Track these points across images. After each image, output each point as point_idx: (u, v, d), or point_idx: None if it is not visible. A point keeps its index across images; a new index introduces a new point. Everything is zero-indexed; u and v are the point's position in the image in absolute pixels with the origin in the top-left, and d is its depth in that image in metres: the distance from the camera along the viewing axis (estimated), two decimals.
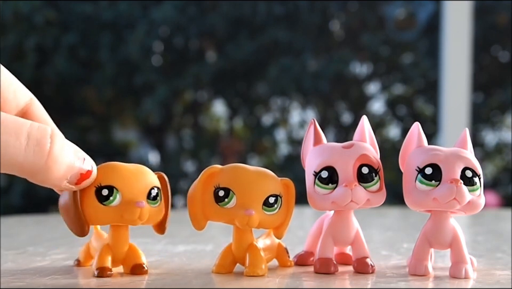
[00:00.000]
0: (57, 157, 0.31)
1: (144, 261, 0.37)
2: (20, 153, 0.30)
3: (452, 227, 0.37)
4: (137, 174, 0.36)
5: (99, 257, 0.36)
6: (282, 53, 2.54)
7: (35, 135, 0.31)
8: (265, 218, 0.36)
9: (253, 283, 0.35)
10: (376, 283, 0.35)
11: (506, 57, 2.67)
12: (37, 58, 2.44)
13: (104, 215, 0.35)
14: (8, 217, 0.81)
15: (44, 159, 0.31)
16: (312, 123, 0.39)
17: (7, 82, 0.34)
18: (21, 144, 0.30)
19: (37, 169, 0.31)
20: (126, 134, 2.77)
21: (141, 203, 0.34)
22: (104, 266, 0.36)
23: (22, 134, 0.30)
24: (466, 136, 0.39)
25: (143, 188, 0.35)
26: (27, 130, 0.30)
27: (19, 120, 0.30)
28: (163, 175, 0.38)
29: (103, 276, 0.35)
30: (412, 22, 2.65)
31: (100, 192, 0.34)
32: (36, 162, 0.30)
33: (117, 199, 0.35)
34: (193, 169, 2.64)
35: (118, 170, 0.35)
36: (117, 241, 0.37)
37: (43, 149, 0.31)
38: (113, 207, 0.34)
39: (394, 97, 2.73)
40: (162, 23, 2.54)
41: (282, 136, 2.72)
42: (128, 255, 0.37)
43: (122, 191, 0.35)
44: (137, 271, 0.37)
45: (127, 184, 0.35)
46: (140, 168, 0.36)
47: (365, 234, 0.39)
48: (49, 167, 0.31)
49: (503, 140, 2.68)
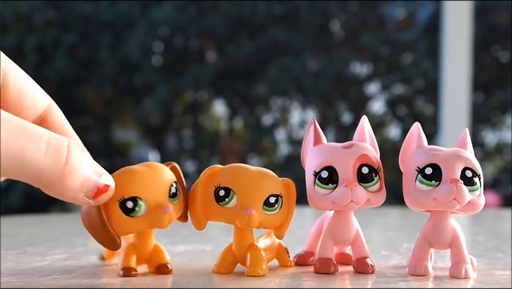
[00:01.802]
0: (74, 168, 0.31)
1: (168, 260, 0.37)
2: (39, 159, 0.29)
3: (452, 227, 0.37)
4: (154, 176, 0.35)
5: (124, 257, 0.36)
6: (282, 53, 2.54)
7: (53, 143, 0.30)
8: (266, 218, 0.36)
9: (253, 283, 0.35)
10: (376, 283, 0.35)
11: (506, 57, 2.67)
12: (37, 58, 2.44)
13: (133, 225, 0.34)
14: (8, 217, 0.81)
15: (61, 167, 0.30)
16: (312, 123, 0.39)
17: (27, 88, 0.34)
18: (40, 150, 0.29)
19: (54, 178, 0.30)
20: (126, 134, 2.77)
21: (168, 209, 0.34)
22: (130, 266, 0.36)
23: (41, 140, 0.29)
24: (466, 136, 0.39)
25: (164, 189, 0.35)
26: (46, 138, 0.30)
27: (38, 127, 0.30)
28: (175, 165, 0.37)
29: (128, 276, 0.35)
30: (412, 22, 2.65)
31: (125, 205, 0.34)
32: (54, 170, 0.30)
33: (142, 208, 0.34)
34: (193, 169, 2.64)
35: (136, 177, 0.34)
36: (142, 241, 0.37)
37: (61, 157, 0.30)
38: (140, 217, 0.34)
39: (394, 97, 2.73)
40: (162, 23, 2.54)
41: (282, 136, 2.72)
42: (153, 255, 0.37)
43: (146, 199, 0.34)
44: (161, 271, 0.37)
45: (149, 191, 0.34)
46: (153, 168, 0.35)
47: (365, 234, 0.39)
48: (65, 176, 0.30)
49: (503, 140, 2.68)
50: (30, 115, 0.34)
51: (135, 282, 0.35)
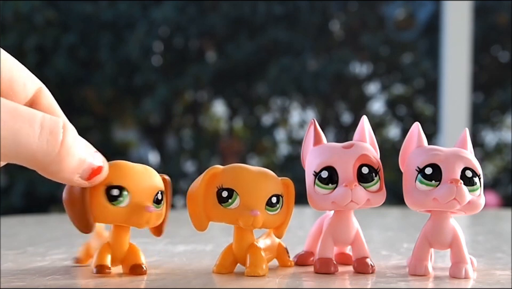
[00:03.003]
0: (70, 148, 0.31)
1: (143, 261, 0.37)
2: (33, 142, 0.29)
3: (452, 227, 0.37)
4: (146, 176, 0.35)
5: (98, 255, 0.36)
6: (282, 53, 2.54)
7: (48, 125, 0.30)
8: (268, 218, 0.36)
9: (253, 283, 0.35)
10: (376, 283, 0.35)
11: (506, 57, 2.67)
12: (37, 58, 2.44)
13: (111, 214, 0.35)
14: (8, 217, 0.81)
15: (57, 148, 0.30)
16: (312, 123, 0.39)
17: (17, 74, 0.34)
18: (34, 132, 0.29)
19: (50, 160, 0.30)
20: (126, 134, 2.77)
21: (150, 208, 0.34)
22: (103, 264, 0.36)
23: (35, 122, 0.29)
24: (466, 136, 0.39)
25: (151, 191, 0.35)
26: (40, 119, 0.30)
27: (31, 110, 0.30)
28: (167, 179, 0.37)
29: (102, 274, 0.35)
30: (412, 22, 2.65)
31: (110, 192, 0.34)
32: (49, 151, 0.30)
33: (126, 200, 0.34)
34: (193, 169, 2.64)
35: (129, 170, 0.35)
36: (118, 240, 0.37)
37: (56, 139, 0.30)
38: (121, 208, 0.34)
39: (394, 97, 2.73)
40: (162, 23, 2.54)
41: (282, 136, 2.72)
42: (128, 255, 0.37)
43: (132, 193, 0.35)
44: (135, 271, 0.36)
45: (137, 186, 0.35)
46: (148, 169, 0.36)
47: (365, 234, 0.39)
48: (62, 157, 0.30)
49: (503, 140, 2.68)
50: (21, 101, 0.34)
51: (134, 282, 0.35)
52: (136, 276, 0.36)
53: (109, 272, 0.35)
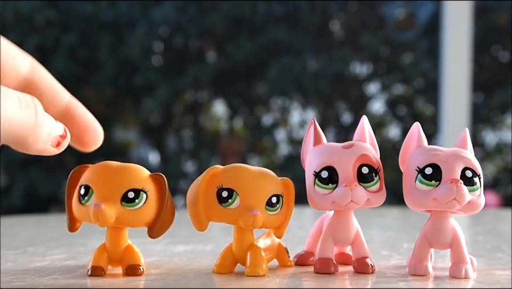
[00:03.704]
0: (42, 119, 0.32)
1: (141, 262, 0.37)
2: (17, 114, 0.30)
3: (452, 227, 0.37)
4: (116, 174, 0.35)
5: (94, 256, 0.36)
6: (282, 53, 2.54)
7: (24, 99, 0.31)
8: (268, 218, 0.36)
9: (253, 283, 0.35)
10: (376, 283, 0.35)
11: (506, 57, 2.67)
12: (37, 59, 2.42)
13: (80, 213, 0.35)
14: (8, 217, 0.81)
15: (33, 120, 0.32)
16: (312, 123, 0.39)
17: (5, 51, 0.35)
18: (16, 105, 0.30)
19: (28, 131, 0.31)
20: (126, 134, 2.77)
21: (97, 206, 0.34)
22: (98, 266, 0.36)
23: (15, 96, 0.31)
24: (466, 136, 0.39)
25: (117, 190, 0.35)
26: (17, 94, 0.31)
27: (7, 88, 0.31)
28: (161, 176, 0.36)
29: (96, 275, 0.35)
30: (412, 22, 2.65)
31: (79, 191, 0.35)
32: (28, 123, 0.31)
33: (92, 199, 0.35)
34: (193, 169, 2.64)
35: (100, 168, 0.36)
36: (113, 241, 0.36)
37: (31, 111, 0.31)
38: (86, 207, 0.35)
39: (394, 97, 2.73)
40: (162, 23, 2.54)
41: (282, 136, 2.72)
42: (125, 256, 0.37)
43: (96, 191, 0.35)
44: (131, 272, 0.36)
45: (101, 184, 0.35)
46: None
47: (365, 234, 0.39)
48: (37, 127, 0.32)
49: (503, 140, 2.68)
50: (12, 79, 0.35)
51: (133, 282, 0.35)
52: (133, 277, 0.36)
53: (103, 274, 0.36)
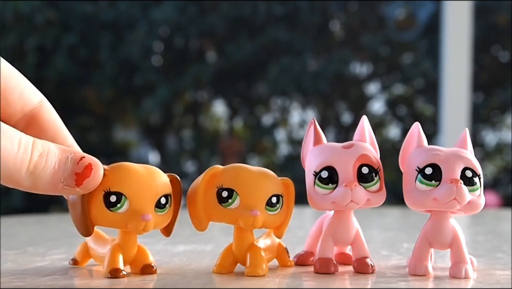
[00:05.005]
0: (39, 163, 0.31)
1: (152, 260, 0.37)
2: (11, 159, 0.30)
3: (452, 227, 0.37)
4: (149, 181, 0.35)
5: (111, 258, 0.35)
6: (282, 53, 2.54)
7: (24, 143, 0.30)
8: (268, 218, 0.36)
9: (253, 283, 0.35)
10: (376, 283, 0.35)
11: (506, 57, 2.67)
12: (37, 58, 2.44)
13: (110, 220, 0.34)
14: (8, 217, 0.81)
15: (26, 165, 0.31)
16: (312, 123, 0.39)
17: (14, 82, 0.34)
18: (14, 150, 0.30)
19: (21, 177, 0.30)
20: (126, 134, 2.77)
21: (147, 216, 0.34)
22: (117, 268, 0.35)
23: (15, 138, 0.30)
24: (466, 136, 0.39)
25: (152, 196, 0.35)
26: (18, 137, 0.30)
27: (11, 128, 0.30)
28: (176, 177, 0.37)
29: (116, 277, 0.35)
30: (412, 22, 2.64)
31: (108, 198, 0.34)
32: (22, 169, 0.30)
33: (124, 206, 0.34)
34: (194, 169, 2.63)
35: (129, 174, 0.34)
36: (127, 242, 0.36)
37: (27, 156, 0.30)
38: (119, 214, 0.34)
39: (394, 97, 2.73)
40: (162, 23, 2.54)
41: (282, 136, 2.72)
42: (137, 256, 0.37)
43: (130, 199, 0.34)
44: (147, 271, 0.36)
45: (136, 192, 0.34)
46: (151, 173, 0.35)
47: (365, 234, 0.39)
48: (32, 173, 0.31)
49: (503, 140, 2.68)
50: (16, 112, 0.34)
51: (134, 282, 0.35)
52: (143, 276, 0.36)
53: (123, 275, 0.35)
